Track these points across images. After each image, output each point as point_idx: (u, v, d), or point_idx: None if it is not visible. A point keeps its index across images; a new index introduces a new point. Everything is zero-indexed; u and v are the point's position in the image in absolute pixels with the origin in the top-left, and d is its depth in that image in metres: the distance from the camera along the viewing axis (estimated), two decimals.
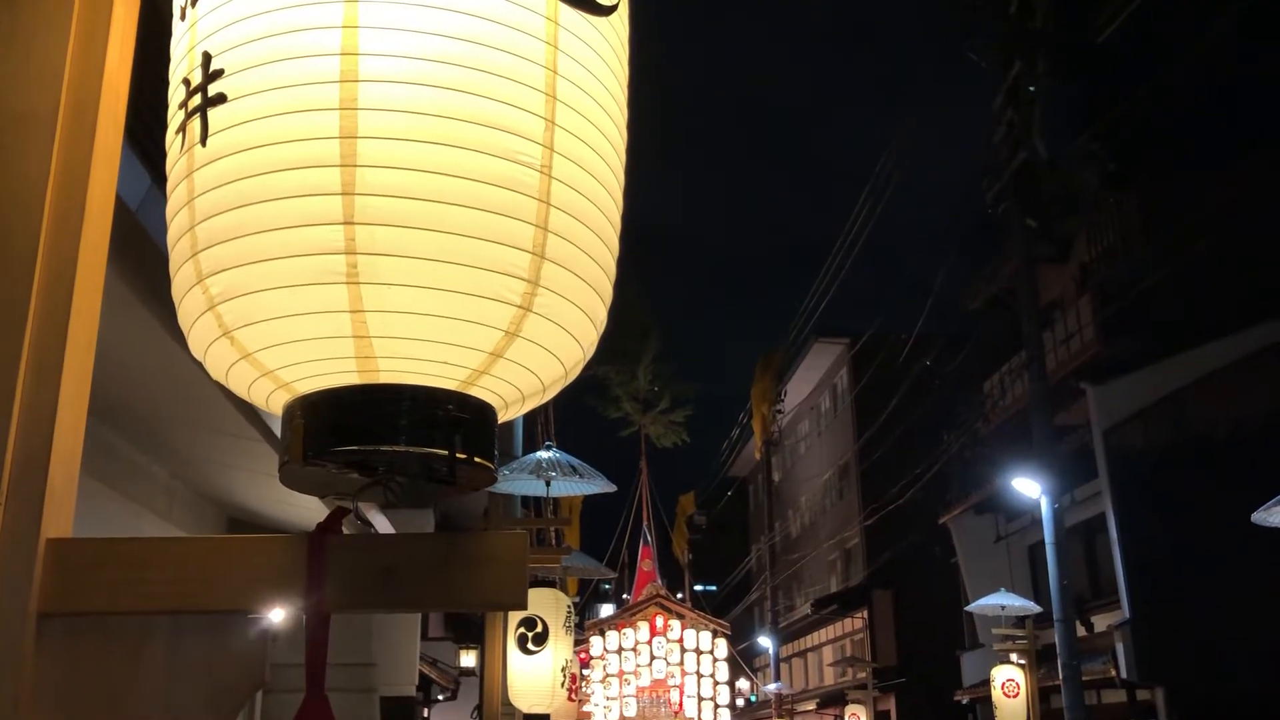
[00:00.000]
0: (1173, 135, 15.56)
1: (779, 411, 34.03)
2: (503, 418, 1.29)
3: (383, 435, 1.16)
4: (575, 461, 8.03)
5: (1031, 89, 13.79)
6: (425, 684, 12.62)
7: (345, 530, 1.27)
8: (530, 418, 13.38)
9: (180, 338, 3.67)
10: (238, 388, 1.25)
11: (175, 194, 1.22)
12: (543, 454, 8.00)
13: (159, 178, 3.36)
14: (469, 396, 1.21)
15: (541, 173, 1.18)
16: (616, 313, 1.36)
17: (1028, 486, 14.03)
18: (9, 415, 1.20)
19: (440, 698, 14.31)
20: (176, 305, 1.24)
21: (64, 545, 1.20)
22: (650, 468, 33.60)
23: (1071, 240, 17.53)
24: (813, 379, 35.18)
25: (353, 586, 1.21)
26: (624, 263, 1.38)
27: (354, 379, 1.16)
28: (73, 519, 1.26)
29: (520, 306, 1.17)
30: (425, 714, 13.95)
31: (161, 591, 1.21)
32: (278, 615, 1.25)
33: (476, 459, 1.19)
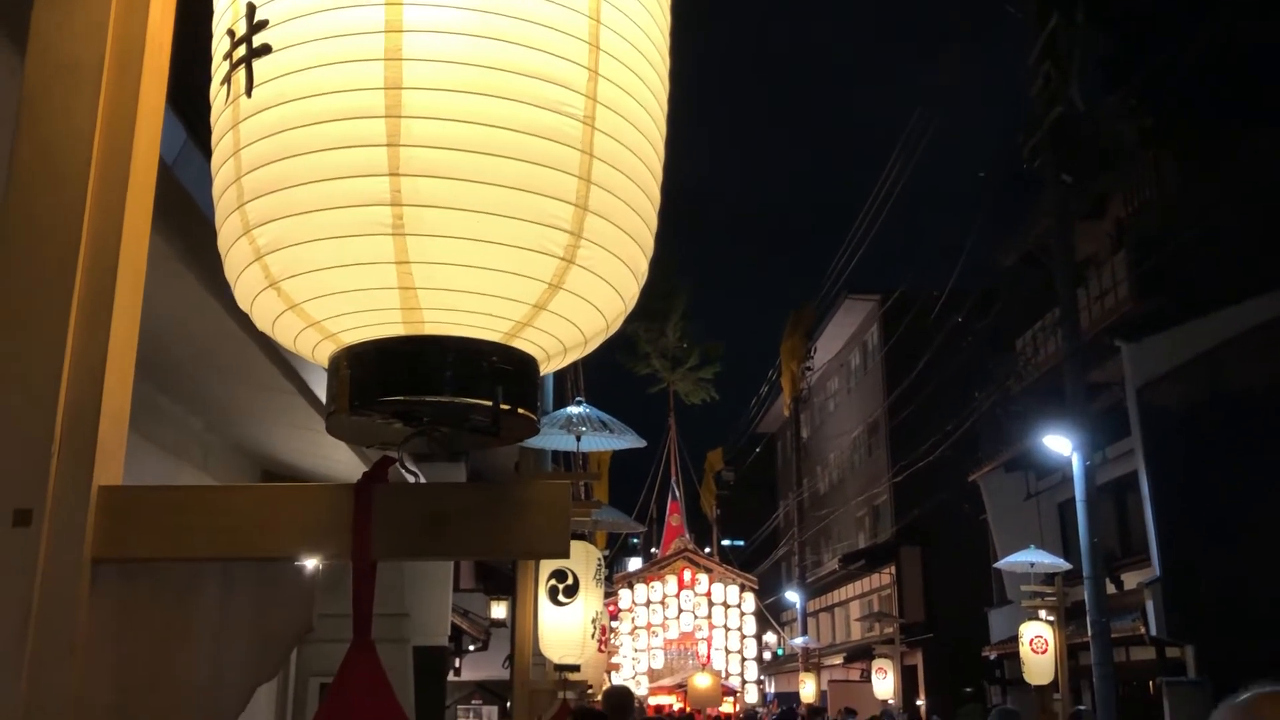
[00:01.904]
0: (1212, 89, 15.26)
1: (808, 368, 34.01)
2: (545, 370, 1.30)
3: (428, 386, 1.16)
4: (605, 417, 8.05)
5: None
6: (457, 634, 12.78)
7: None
8: (560, 373, 13.44)
9: (216, 292, 3.69)
10: (284, 338, 1.26)
11: (221, 145, 1.23)
12: (573, 409, 8.02)
13: (193, 133, 3.38)
14: (512, 348, 1.21)
15: (584, 124, 1.17)
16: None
17: (1059, 444, 13.98)
18: (60, 366, 1.22)
19: (471, 648, 14.50)
20: (223, 256, 1.24)
21: (115, 493, 1.22)
22: (678, 424, 33.76)
23: (1107, 196, 17.30)
24: (843, 336, 35.04)
25: (399, 534, 1.22)
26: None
27: (399, 330, 1.17)
28: (123, 468, 1.28)
29: (563, 259, 1.17)
30: (457, 664, 14.13)
31: (211, 539, 1.23)
32: (324, 563, 1.27)
33: (519, 410, 1.20)
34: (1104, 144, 14.46)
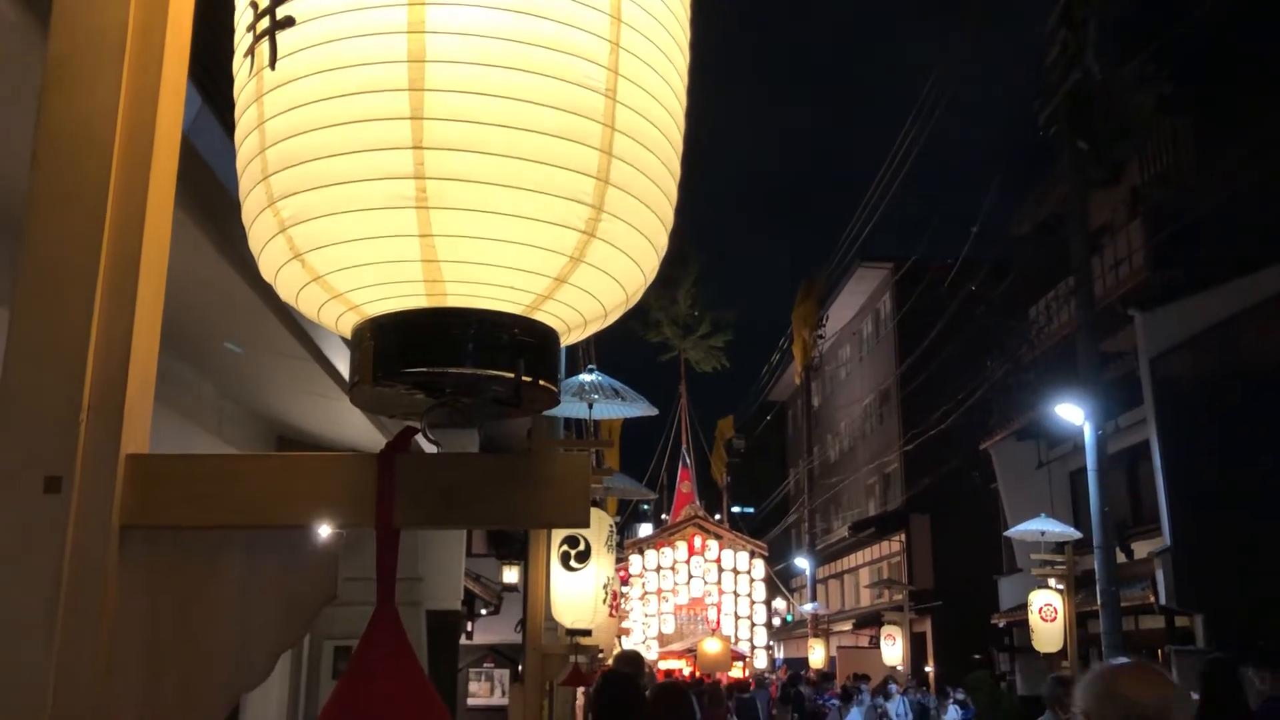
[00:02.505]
0: (1231, 57, 15.11)
1: (820, 336, 33.97)
2: (565, 342, 1.31)
3: (450, 358, 1.17)
4: (617, 384, 8.07)
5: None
6: (469, 599, 12.88)
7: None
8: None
9: (232, 258, 3.70)
10: (308, 310, 1.27)
11: (245, 117, 1.23)
12: (585, 377, 8.04)
13: (209, 100, 3.38)
14: (534, 321, 1.23)
15: (606, 97, 1.18)
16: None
17: (1071, 413, 13.97)
18: (88, 335, 1.23)
19: (484, 612, 14.62)
20: (247, 228, 1.25)
21: (143, 460, 1.24)
22: (689, 392, 33.82)
23: (1123, 163, 17.18)
24: (855, 304, 34.97)
25: (421, 503, 1.24)
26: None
27: (422, 302, 1.18)
28: (149, 435, 1.30)
29: (584, 232, 1.18)
30: (469, 627, 14.26)
31: (237, 507, 1.24)
32: (346, 530, 1.29)
33: (540, 382, 1.21)
34: (1121, 111, 14.33)
